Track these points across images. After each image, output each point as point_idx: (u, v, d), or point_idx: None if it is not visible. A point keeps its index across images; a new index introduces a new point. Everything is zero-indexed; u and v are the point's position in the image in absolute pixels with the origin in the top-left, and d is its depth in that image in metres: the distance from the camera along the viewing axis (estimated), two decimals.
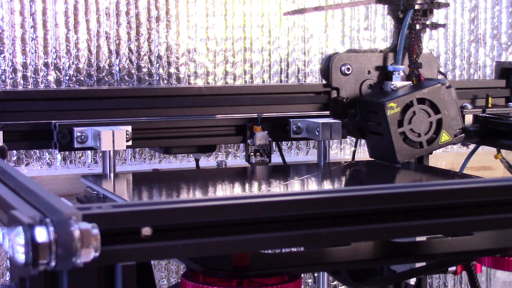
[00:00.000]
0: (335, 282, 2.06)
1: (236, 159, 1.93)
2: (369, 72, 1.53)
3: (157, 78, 1.85)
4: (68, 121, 1.40)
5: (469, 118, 1.52)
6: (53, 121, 1.40)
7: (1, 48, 1.73)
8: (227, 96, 1.50)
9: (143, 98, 1.46)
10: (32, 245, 0.58)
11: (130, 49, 1.82)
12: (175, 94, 1.48)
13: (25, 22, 1.74)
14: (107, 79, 1.81)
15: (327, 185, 1.38)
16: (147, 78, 1.84)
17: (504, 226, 0.91)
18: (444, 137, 1.45)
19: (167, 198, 1.24)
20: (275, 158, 1.56)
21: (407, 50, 1.51)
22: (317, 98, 1.54)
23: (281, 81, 1.97)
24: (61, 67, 1.77)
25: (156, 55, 1.85)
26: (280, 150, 1.65)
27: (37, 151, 1.77)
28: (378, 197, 0.78)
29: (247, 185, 1.38)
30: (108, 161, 1.38)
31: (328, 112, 1.54)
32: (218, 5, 1.90)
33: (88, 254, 0.59)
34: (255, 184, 1.40)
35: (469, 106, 1.54)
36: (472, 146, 1.63)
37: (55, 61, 1.76)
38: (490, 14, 2.17)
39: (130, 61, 1.83)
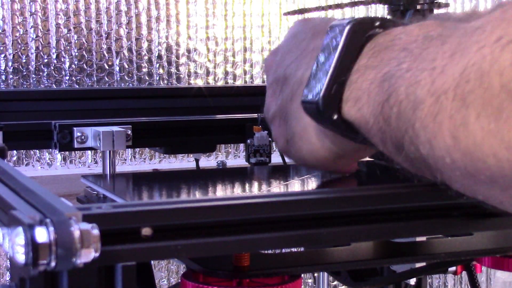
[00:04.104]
0: (335, 282, 2.06)
1: (236, 159, 1.93)
2: None
3: (157, 78, 1.85)
4: (68, 121, 1.40)
5: None
6: (53, 121, 1.40)
7: (1, 48, 1.73)
8: (227, 96, 1.50)
9: (143, 98, 1.46)
10: (32, 245, 0.58)
11: (130, 49, 1.82)
12: (175, 94, 1.48)
13: (25, 22, 1.74)
14: (107, 79, 1.81)
15: (327, 185, 1.37)
16: (147, 78, 1.84)
17: (504, 226, 0.91)
18: None
19: (167, 198, 1.24)
20: (275, 158, 1.56)
21: None
22: None
23: None
24: (61, 67, 1.77)
25: (156, 55, 1.84)
26: None
27: (37, 151, 1.77)
28: (378, 197, 0.78)
29: (247, 185, 1.38)
30: (108, 161, 1.38)
31: None
32: (218, 5, 1.90)
33: (88, 254, 0.59)
34: (255, 184, 1.40)
35: None
36: None
37: (55, 61, 1.76)
38: None
39: (130, 61, 1.82)
